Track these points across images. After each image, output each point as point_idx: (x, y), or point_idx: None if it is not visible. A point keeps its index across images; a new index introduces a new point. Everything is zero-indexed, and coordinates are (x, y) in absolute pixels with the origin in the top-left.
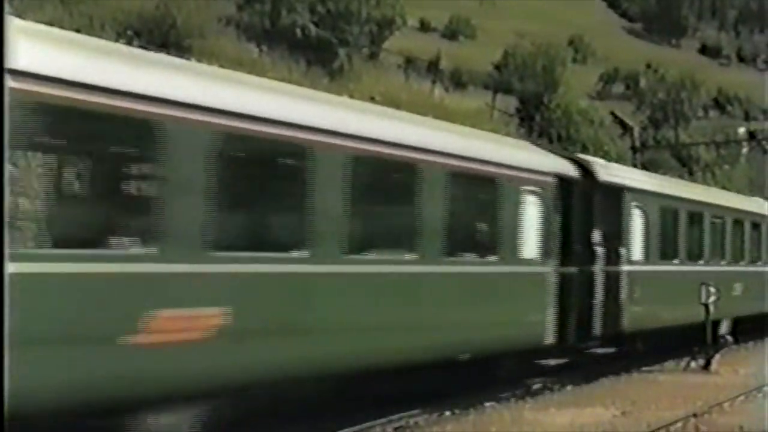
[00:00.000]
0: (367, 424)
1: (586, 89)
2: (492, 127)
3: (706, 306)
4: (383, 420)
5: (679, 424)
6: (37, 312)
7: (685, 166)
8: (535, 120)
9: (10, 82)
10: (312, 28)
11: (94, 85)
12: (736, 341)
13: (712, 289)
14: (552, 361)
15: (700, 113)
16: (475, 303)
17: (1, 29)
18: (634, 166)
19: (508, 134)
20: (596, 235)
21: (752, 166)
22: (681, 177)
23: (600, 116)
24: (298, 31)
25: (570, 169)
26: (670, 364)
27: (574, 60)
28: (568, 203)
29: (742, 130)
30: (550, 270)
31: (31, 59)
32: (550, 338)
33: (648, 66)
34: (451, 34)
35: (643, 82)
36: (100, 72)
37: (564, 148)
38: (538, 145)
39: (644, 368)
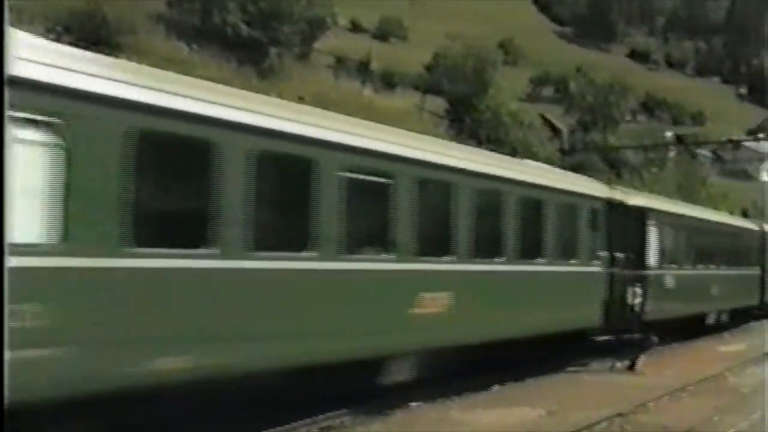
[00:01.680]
0: (293, 424)
1: (516, 92)
2: (422, 128)
3: (632, 307)
4: (308, 420)
5: (604, 424)
6: None
7: (614, 168)
8: (464, 121)
9: None
10: (243, 26)
11: None
12: (662, 342)
13: (638, 291)
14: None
15: (629, 117)
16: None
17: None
18: (563, 168)
19: (437, 135)
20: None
21: (680, 170)
22: (609, 180)
23: (530, 119)
24: (229, 30)
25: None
26: (595, 364)
27: (505, 62)
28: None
29: (669, 134)
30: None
31: None
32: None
33: (578, 69)
34: (382, 34)
35: (572, 86)
36: None
37: (492, 150)
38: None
39: (570, 368)
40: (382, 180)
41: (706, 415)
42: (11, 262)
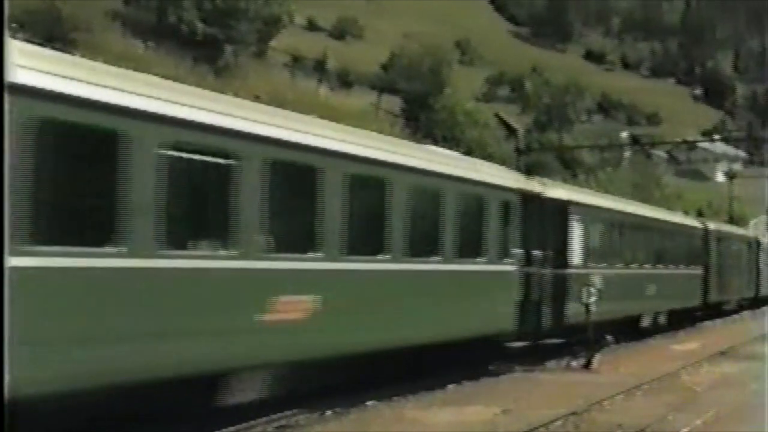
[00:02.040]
0: (248, 423)
1: (472, 91)
2: (377, 127)
3: (587, 306)
4: (264, 419)
5: (559, 422)
6: None
7: (569, 169)
8: (420, 120)
9: None
10: (199, 24)
11: None
12: (617, 341)
13: (593, 290)
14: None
15: (584, 117)
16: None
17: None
18: (518, 168)
19: (393, 134)
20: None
21: (635, 170)
22: (564, 180)
23: (485, 118)
24: (185, 28)
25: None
26: (551, 363)
27: (461, 62)
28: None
29: (625, 134)
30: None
31: None
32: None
33: (534, 69)
34: (338, 33)
35: (528, 86)
36: None
37: (449, 149)
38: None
39: (526, 367)
40: (219, 161)
41: (661, 413)
42: None
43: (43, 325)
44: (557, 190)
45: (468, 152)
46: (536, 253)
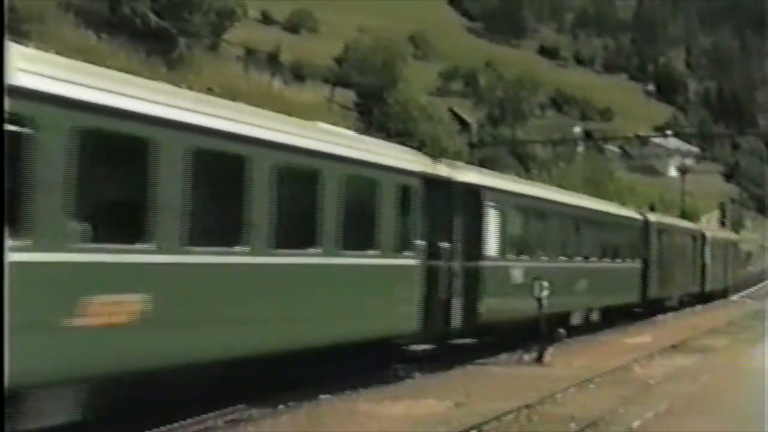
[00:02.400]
0: (200, 417)
1: (425, 85)
2: (331, 120)
3: (539, 300)
4: (216, 413)
5: (512, 415)
6: None
7: (522, 163)
8: (373, 114)
9: None
10: (152, 16)
11: None
12: (569, 335)
13: (545, 284)
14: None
15: (538, 112)
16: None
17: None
18: (471, 162)
19: (347, 128)
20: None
21: (588, 165)
22: (518, 174)
23: (439, 112)
24: (138, 20)
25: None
26: (504, 356)
27: (415, 56)
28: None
29: (578, 129)
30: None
31: None
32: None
33: (487, 64)
34: (292, 26)
35: (482, 80)
36: None
37: (402, 143)
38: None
39: (479, 361)
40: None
41: (613, 405)
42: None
43: None
44: (469, 174)
45: (421, 146)
46: (444, 244)
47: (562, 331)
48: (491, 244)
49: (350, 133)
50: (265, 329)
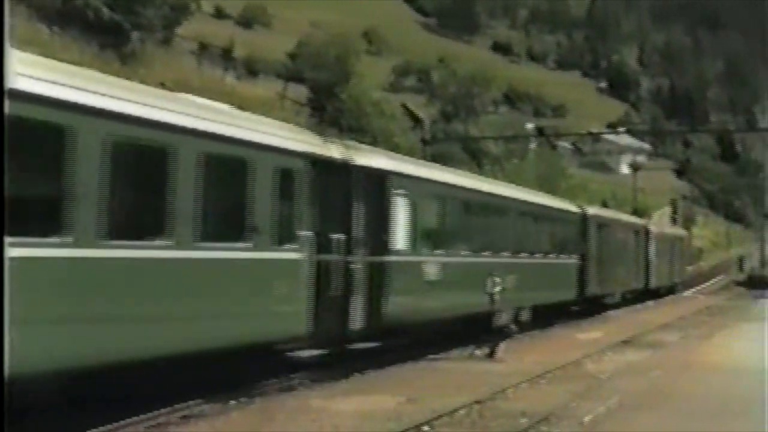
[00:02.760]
0: (152, 413)
1: (378, 81)
2: (283, 116)
3: (491, 296)
4: (167, 409)
5: (464, 411)
6: None
7: (475, 159)
8: (326, 110)
9: None
10: (105, 10)
11: None
12: (521, 330)
13: (497, 280)
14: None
15: (491, 108)
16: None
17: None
18: (424, 158)
19: (299, 124)
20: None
21: (541, 162)
22: (471, 170)
23: (392, 108)
24: (91, 13)
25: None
26: (456, 352)
27: (368, 52)
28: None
29: (531, 126)
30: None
31: None
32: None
33: (441, 60)
34: (246, 21)
35: (435, 76)
36: None
37: (355, 139)
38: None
39: (431, 356)
40: None
41: (565, 400)
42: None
43: None
44: (373, 158)
45: (374, 142)
46: (338, 237)
47: (513, 326)
48: (400, 237)
49: (217, 105)
50: (87, 336)
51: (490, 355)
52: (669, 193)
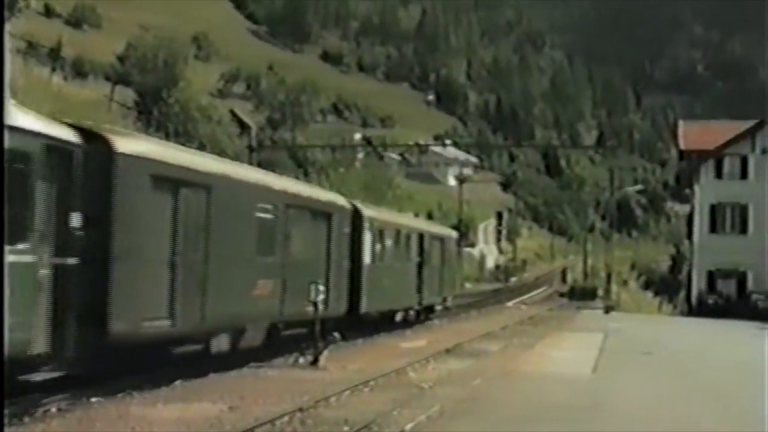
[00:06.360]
0: None
1: (207, 86)
2: (110, 118)
3: (315, 304)
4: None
5: (286, 419)
6: None
7: (301, 167)
8: (153, 114)
9: None
10: None
11: None
12: (344, 338)
13: (321, 288)
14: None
15: (319, 117)
16: None
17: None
18: (250, 164)
19: (125, 127)
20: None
21: (367, 171)
22: (297, 178)
23: (219, 114)
24: None
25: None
26: (279, 360)
27: (197, 57)
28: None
29: (358, 135)
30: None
31: None
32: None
33: (270, 68)
34: (75, 21)
35: (264, 84)
36: None
37: (181, 144)
38: None
39: (253, 364)
40: None
41: (387, 408)
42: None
43: None
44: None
45: (201, 147)
46: None
47: (336, 334)
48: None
49: None
50: None
51: (314, 362)
52: (494, 205)
